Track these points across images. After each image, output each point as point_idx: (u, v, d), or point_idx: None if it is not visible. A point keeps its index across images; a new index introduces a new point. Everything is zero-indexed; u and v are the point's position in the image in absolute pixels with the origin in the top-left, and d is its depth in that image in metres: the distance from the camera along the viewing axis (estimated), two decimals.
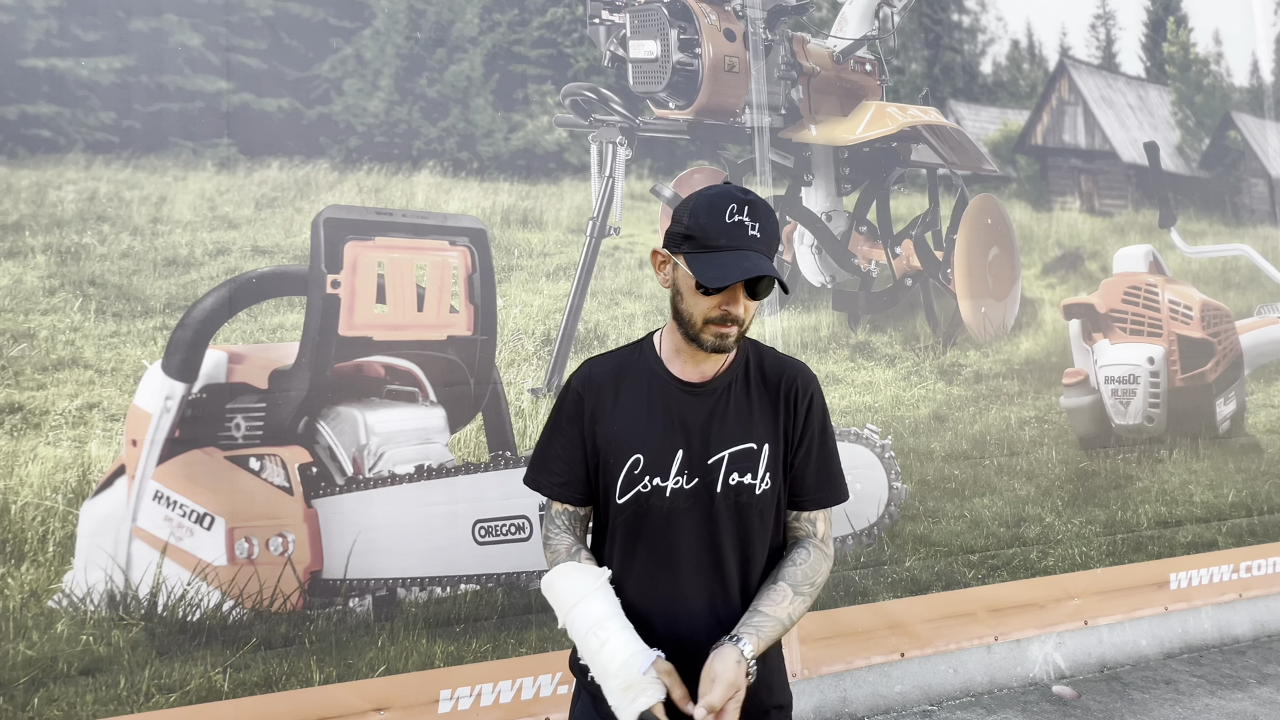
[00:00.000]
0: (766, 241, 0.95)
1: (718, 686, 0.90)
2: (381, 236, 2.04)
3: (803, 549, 1.06)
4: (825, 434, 1.10)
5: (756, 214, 0.95)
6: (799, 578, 1.03)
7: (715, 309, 0.97)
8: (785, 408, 1.06)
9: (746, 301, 0.98)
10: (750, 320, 1.02)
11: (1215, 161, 3.33)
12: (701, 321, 0.99)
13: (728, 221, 0.93)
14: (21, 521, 1.70)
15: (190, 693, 1.75)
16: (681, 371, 1.07)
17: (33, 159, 1.77)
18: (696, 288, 0.97)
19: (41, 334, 1.76)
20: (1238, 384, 3.21)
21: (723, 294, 0.96)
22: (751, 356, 1.10)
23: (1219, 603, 3.04)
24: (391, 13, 2.12)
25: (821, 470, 1.08)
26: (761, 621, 0.98)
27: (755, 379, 1.08)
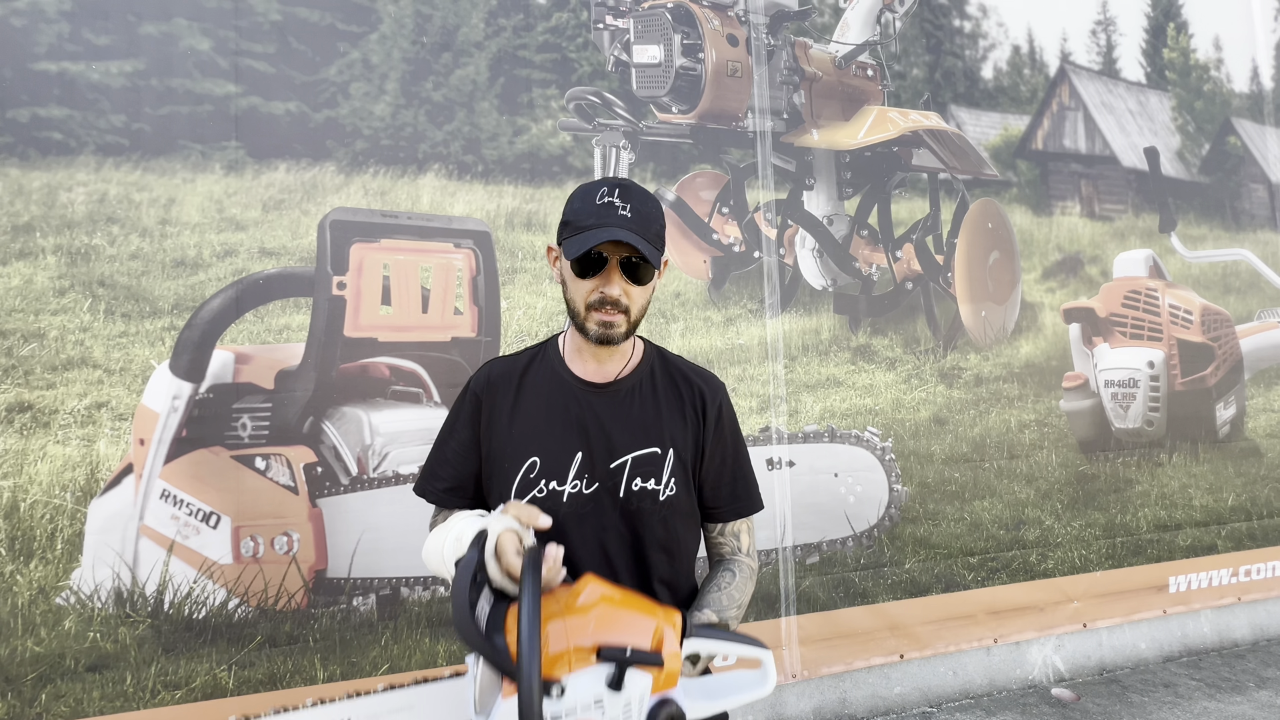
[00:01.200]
0: (638, 221, 0.92)
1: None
2: (387, 239, 2.06)
3: (728, 571, 1.02)
4: (738, 442, 1.07)
5: (628, 195, 0.94)
6: (724, 603, 0.98)
7: (593, 292, 0.95)
8: (694, 415, 1.03)
9: (626, 286, 0.94)
10: (640, 310, 0.98)
11: (1215, 167, 3.34)
12: (584, 308, 0.96)
13: (597, 203, 0.93)
14: (31, 519, 1.72)
15: (196, 690, 1.77)
16: (583, 371, 1.03)
17: (44, 161, 1.80)
18: (572, 269, 0.95)
19: (51, 334, 1.78)
20: (1238, 388, 3.23)
21: (599, 276, 0.94)
22: (658, 362, 1.07)
23: (1218, 606, 3.05)
24: (398, 18, 2.15)
25: (738, 480, 1.05)
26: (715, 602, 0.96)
27: (662, 383, 1.04)
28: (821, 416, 2.49)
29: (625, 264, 0.94)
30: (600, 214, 0.92)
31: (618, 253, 0.94)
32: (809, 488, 2.41)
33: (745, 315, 2.45)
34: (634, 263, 0.94)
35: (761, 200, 2.52)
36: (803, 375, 2.49)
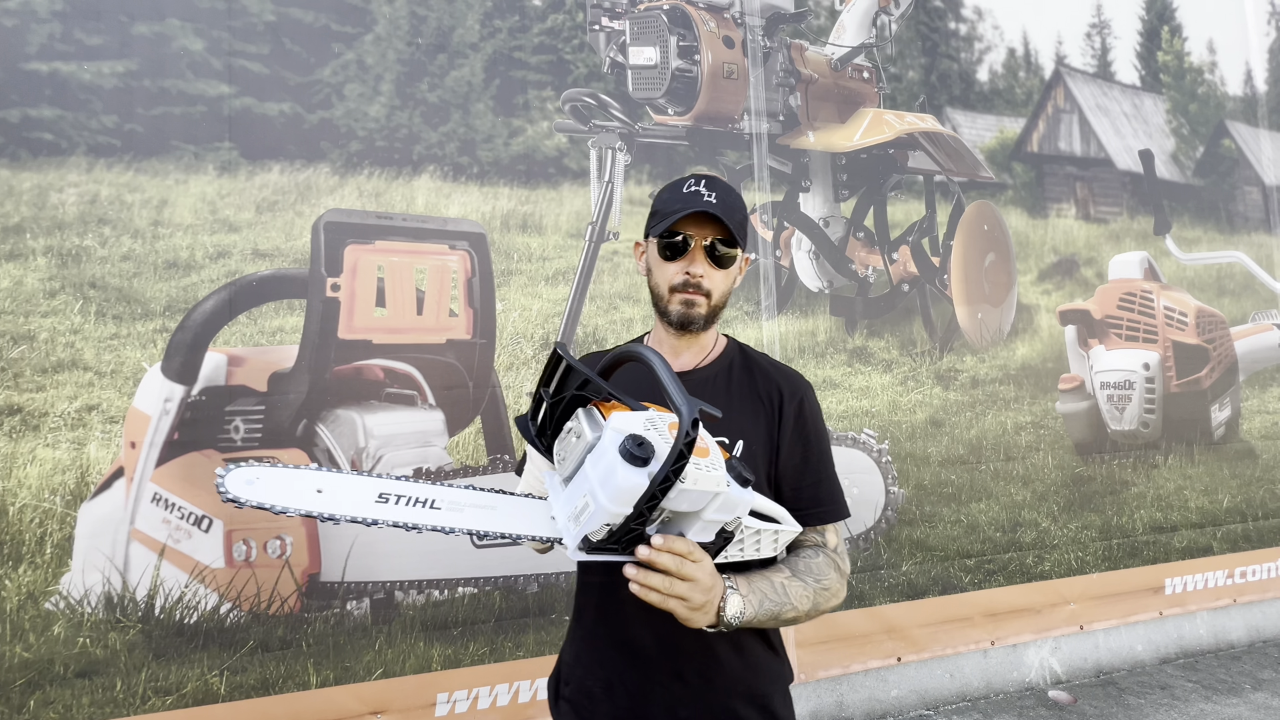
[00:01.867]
0: (723, 208, 0.96)
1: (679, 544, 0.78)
2: (381, 240, 2.05)
3: (808, 549, 0.99)
4: (820, 443, 1.04)
5: (713, 185, 0.98)
6: (799, 566, 0.96)
7: (677, 274, 0.98)
8: (769, 409, 1.01)
9: (709, 268, 0.98)
10: (721, 297, 1.01)
11: (1209, 169, 3.36)
12: (667, 290, 0.99)
13: (684, 191, 0.98)
14: (19, 523, 1.70)
15: (187, 695, 1.75)
16: None
17: (35, 162, 1.78)
18: (659, 253, 0.99)
19: (42, 336, 1.76)
20: (1233, 390, 3.23)
21: (683, 258, 0.98)
22: (739, 356, 1.07)
23: (1214, 608, 3.05)
24: (393, 18, 2.14)
25: (821, 483, 1.02)
26: (753, 575, 0.91)
27: (739, 376, 1.05)
28: None
29: (709, 248, 0.98)
30: (687, 200, 0.97)
31: (702, 235, 0.97)
32: None
33: (741, 317, 2.45)
34: (717, 246, 0.98)
35: (758, 202, 2.51)
36: None
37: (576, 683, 1.01)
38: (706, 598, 0.80)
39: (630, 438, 0.71)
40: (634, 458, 0.70)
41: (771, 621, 0.90)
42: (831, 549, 1.01)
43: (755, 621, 0.87)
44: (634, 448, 0.71)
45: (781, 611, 0.90)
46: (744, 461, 0.89)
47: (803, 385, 1.05)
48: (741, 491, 0.76)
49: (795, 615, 0.92)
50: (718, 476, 0.73)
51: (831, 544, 1.01)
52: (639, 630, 0.96)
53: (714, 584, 0.81)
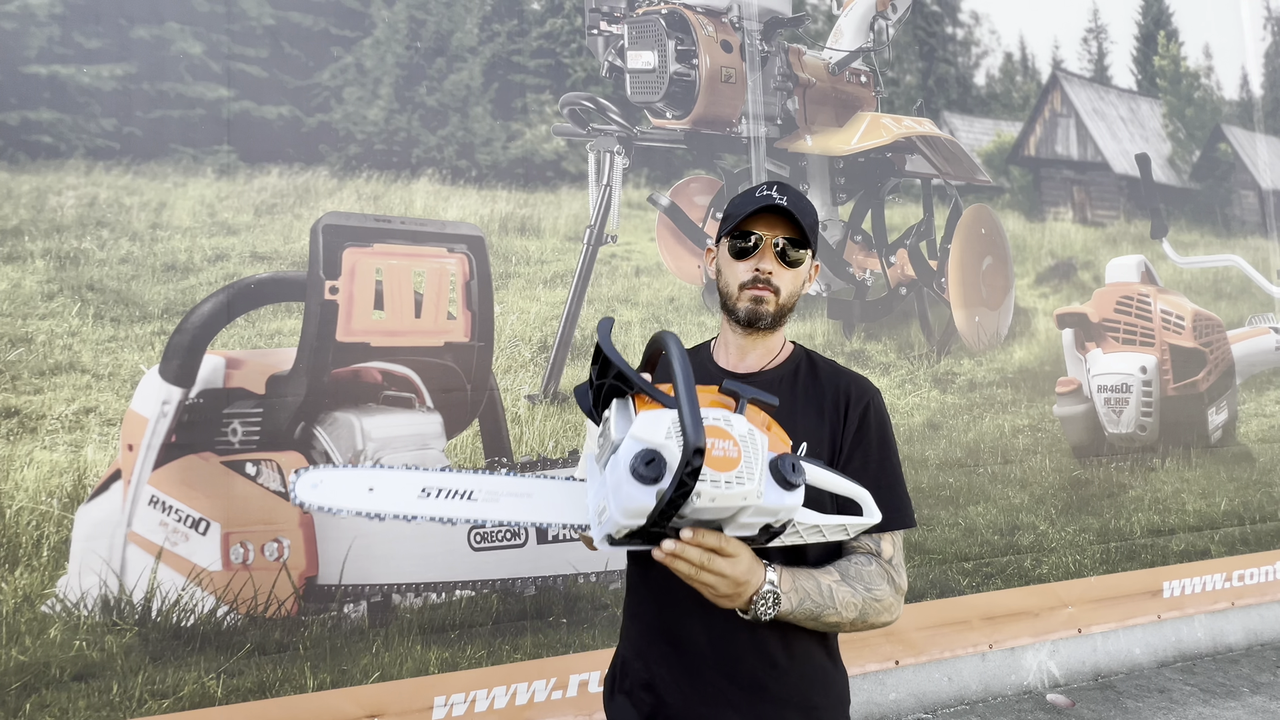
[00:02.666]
0: (795, 208, 0.98)
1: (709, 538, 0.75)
2: (380, 243, 2.05)
3: (861, 556, 0.96)
4: (885, 449, 1.01)
5: (785, 190, 1.00)
6: (850, 572, 0.93)
7: (748, 271, 1.00)
8: (834, 412, 1.00)
9: (779, 266, 0.99)
10: (790, 296, 1.01)
11: (1206, 173, 3.37)
12: (737, 288, 1.01)
13: (757, 196, 1.00)
14: (16, 526, 1.70)
15: (184, 699, 1.75)
16: (726, 361, 1.06)
17: (33, 164, 1.79)
18: (730, 252, 1.01)
19: (39, 338, 1.76)
20: (1230, 393, 3.24)
21: (753, 256, 1.00)
22: (806, 361, 1.07)
23: (1212, 611, 3.05)
24: (392, 22, 2.15)
25: (882, 489, 0.96)
26: (798, 570, 0.88)
27: (805, 379, 1.03)
28: None
29: (779, 246, 1.00)
30: (759, 202, 0.99)
31: (772, 235, 0.99)
32: None
33: None
34: (787, 246, 0.99)
35: None
36: None
37: (634, 676, 1.00)
38: (735, 590, 0.79)
39: (642, 454, 0.69)
40: (641, 477, 0.68)
41: (810, 622, 0.89)
42: (887, 559, 0.97)
43: (792, 618, 0.86)
44: (642, 466, 0.68)
45: (822, 614, 0.88)
46: (811, 458, 0.84)
47: (870, 391, 1.04)
48: (783, 497, 0.73)
49: (838, 620, 0.90)
50: (744, 490, 0.69)
51: (887, 554, 0.97)
52: (692, 626, 0.95)
53: (748, 578, 0.79)
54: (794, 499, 0.74)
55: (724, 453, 0.69)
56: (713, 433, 0.70)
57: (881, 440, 1.01)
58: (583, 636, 2.10)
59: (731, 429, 0.71)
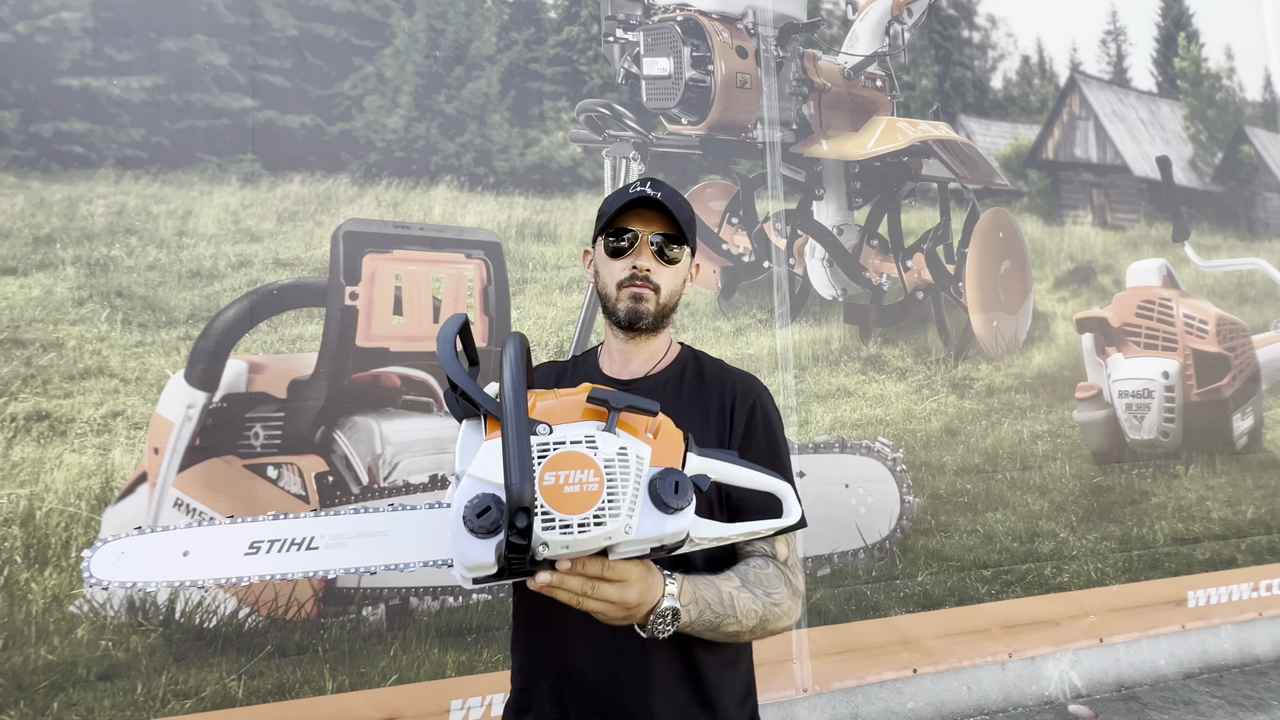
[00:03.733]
0: (670, 203, 0.94)
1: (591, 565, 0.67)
2: (399, 249, 2.08)
3: (758, 559, 0.91)
4: (774, 447, 0.95)
5: (659, 186, 0.97)
6: (750, 577, 0.87)
7: (625, 269, 0.96)
8: (720, 415, 0.94)
9: (656, 263, 0.96)
10: (670, 295, 0.97)
11: (1229, 176, 3.32)
12: (615, 288, 0.96)
13: (630, 192, 0.97)
14: (46, 527, 1.73)
15: (205, 699, 1.77)
16: (609, 367, 1.02)
17: (65, 174, 1.83)
18: (605, 250, 0.97)
19: (70, 343, 1.80)
20: (1255, 399, 3.18)
21: (631, 253, 0.96)
22: (692, 362, 1.02)
23: (1239, 621, 2.99)
24: (412, 32, 2.18)
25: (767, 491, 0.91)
26: (698, 579, 0.82)
27: (690, 382, 0.99)
28: (832, 427, 2.47)
29: (655, 243, 0.96)
30: (631, 197, 0.96)
31: (648, 230, 0.96)
32: (819, 499, 2.39)
33: (755, 325, 2.45)
34: (664, 242, 0.96)
35: (771, 210, 2.52)
36: (813, 385, 2.48)
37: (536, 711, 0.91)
38: (626, 613, 0.72)
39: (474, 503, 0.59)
40: (474, 530, 0.59)
41: (708, 633, 0.83)
42: (782, 561, 0.92)
43: (690, 630, 0.81)
44: (474, 518, 0.58)
45: (723, 623, 0.83)
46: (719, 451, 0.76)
47: (756, 389, 0.99)
48: (662, 524, 0.63)
49: (738, 630, 0.85)
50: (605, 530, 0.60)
51: (783, 555, 0.93)
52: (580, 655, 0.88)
53: (641, 599, 0.72)
54: (677, 524, 0.64)
55: (580, 487, 0.60)
56: (566, 462, 0.60)
57: (770, 439, 0.95)
58: None
59: (596, 453, 0.62)
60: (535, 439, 0.62)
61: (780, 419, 1.00)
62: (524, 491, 0.55)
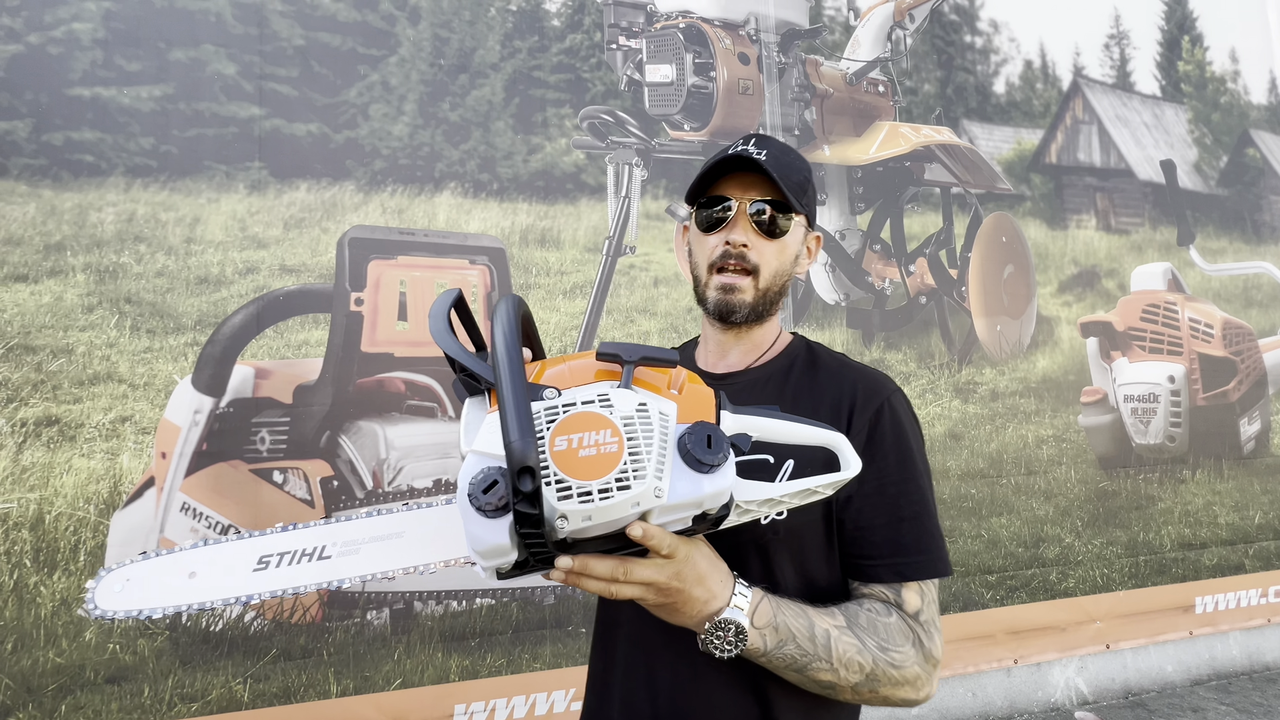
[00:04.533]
0: (774, 164, 0.76)
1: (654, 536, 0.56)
2: (404, 255, 2.10)
3: (876, 603, 0.73)
4: (906, 466, 0.75)
5: (765, 144, 0.79)
6: (861, 620, 0.70)
7: (718, 246, 0.78)
8: (835, 420, 0.75)
9: (757, 237, 0.77)
10: (774, 276, 0.79)
11: (1234, 179, 3.30)
12: (706, 271, 0.80)
13: (729, 153, 0.79)
14: (55, 531, 1.75)
15: (211, 702, 1.78)
16: (705, 360, 0.86)
17: (76, 182, 1.86)
18: (698, 223, 0.81)
19: (79, 349, 1.83)
20: (1262, 403, 3.16)
21: (724, 227, 0.78)
22: (804, 355, 0.84)
23: (1247, 628, 2.96)
24: (416, 41, 2.20)
25: (904, 522, 0.73)
26: (787, 604, 0.67)
27: (801, 378, 0.80)
28: None
29: (756, 213, 0.77)
30: (727, 158, 0.78)
31: (746, 197, 0.78)
32: None
33: None
34: (766, 211, 0.77)
35: None
36: None
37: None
38: (670, 600, 0.60)
39: (479, 478, 0.52)
40: (482, 509, 0.52)
41: (792, 673, 0.67)
42: (912, 614, 0.72)
43: (767, 664, 0.66)
44: (480, 494, 0.52)
45: (810, 666, 0.66)
46: (758, 407, 0.63)
47: (885, 388, 0.78)
48: (698, 484, 0.54)
49: (833, 681, 0.67)
50: (633, 494, 0.52)
51: (912, 607, 0.72)
52: (640, 686, 0.75)
53: (691, 589, 0.60)
54: (715, 483, 0.55)
55: (597, 449, 0.52)
56: (578, 424, 0.53)
57: (901, 455, 0.75)
58: None
59: (612, 410, 0.54)
60: (541, 404, 0.55)
61: (918, 429, 0.79)
62: (525, 449, 0.48)
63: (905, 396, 0.80)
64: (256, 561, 0.66)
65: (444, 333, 0.58)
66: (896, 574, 0.73)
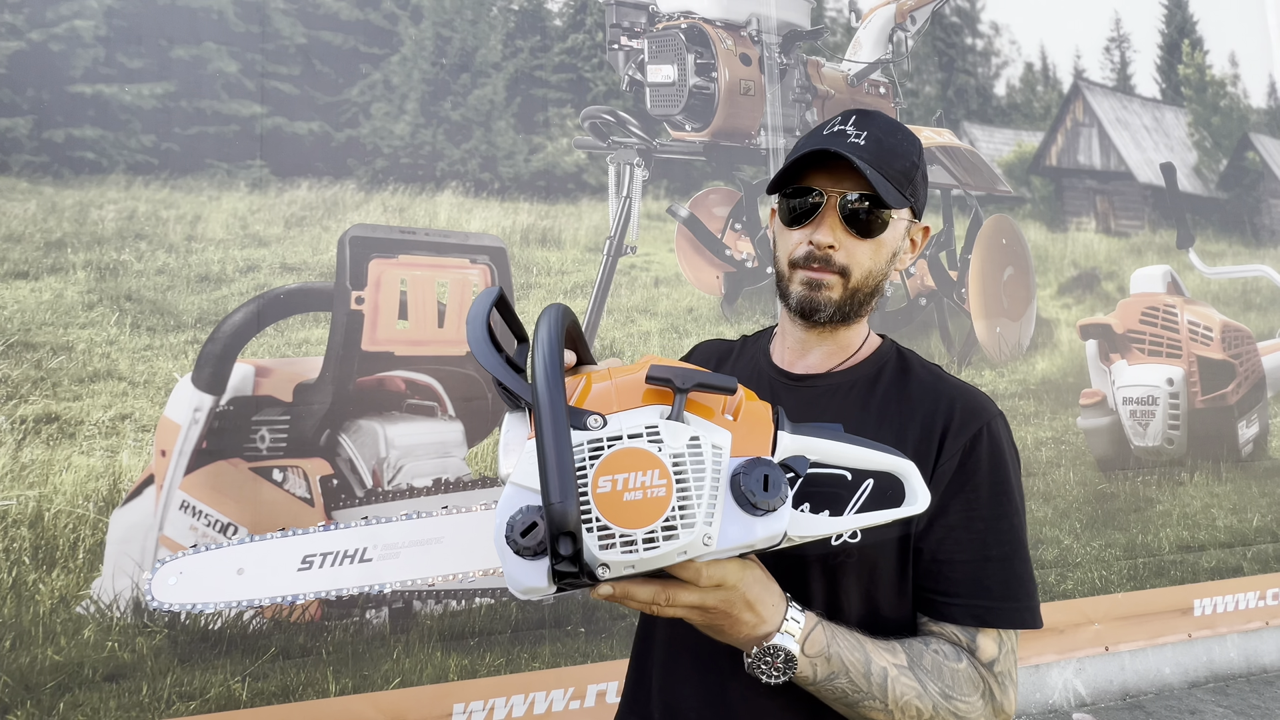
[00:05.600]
0: (872, 150, 0.67)
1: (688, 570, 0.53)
2: (405, 254, 2.10)
3: (945, 644, 0.66)
4: (1001, 501, 0.68)
5: (866, 123, 0.69)
6: (926, 660, 0.64)
7: (801, 243, 0.70)
8: (924, 441, 0.68)
9: (846, 235, 0.69)
10: (865, 276, 0.71)
11: (1233, 182, 3.31)
12: (788, 266, 0.72)
13: (825, 133, 0.70)
14: (54, 529, 1.75)
15: (210, 700, 1.78)
16: (782, 357, 0.79)
17: (77, 180, 1.86)
18: (782, 215, 0.73)
19: (79, 347, 1.82)
20: (1260, 406, 3.16)
21: (810, 223, 0.69)
22: (895, 362, 0.77)
23: (1245, 630, 2.97)
24: (418, 40, 2.20)
25: (993, 560, 0.66)
26: (843, 634, 0.62)
27: (889, 389, 0.73)
28: None
29: (846, 206, 0.68)
30: (825, 141, 0.69)
31: (838, 190, 0.69)
32: None
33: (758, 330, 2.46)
34: (858, 205, 0.68)
35: None
36: None
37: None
38: (719, 623, 0.57)
39: (518, 518, 0.50)
40: (520, 550, 0.49)
41: (841, 707, 0.62)
42: (986, 663, 0.65)
43: (814, 692, 0.61)
44: (519, 538, 0.49)
45: (861, 704, 0.61)
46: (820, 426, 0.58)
47: (986, 411, 0.71)
48: (751, 529, 0.51)
49: (887, 709, 0.61)
50: (679, 544, 0.48)
51: (988, 655, 0.65)
52: (684, 691, 0.71)
53: (740, 612, 0.56)
54: (769, 527, 0.51)
55: (644, 492, 0.48)
56: (624, 462, 0.49)
57: (997, 487, 0.68)
58: (600, 646, 2.11)
59: (661, 448, 0.50)
60: (585, 435, 0.51)
61: (1018, 460, 0.72)
62: (566, 513, 0.45)
63: (1006, 422, 0.72)
64: (301, 561, 0.65)
65: (482, 343, 0.55)
66: (975, 618, 0.66)
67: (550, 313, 0.52)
